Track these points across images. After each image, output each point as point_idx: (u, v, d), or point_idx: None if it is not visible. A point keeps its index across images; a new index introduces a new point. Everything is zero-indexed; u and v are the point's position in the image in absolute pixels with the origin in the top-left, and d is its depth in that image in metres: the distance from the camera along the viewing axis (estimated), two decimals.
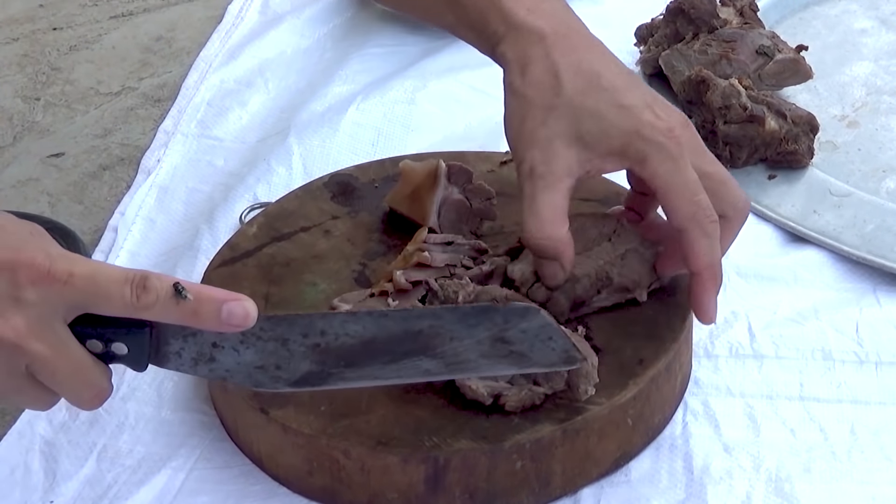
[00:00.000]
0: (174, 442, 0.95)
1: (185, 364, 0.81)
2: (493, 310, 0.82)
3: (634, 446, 0.91)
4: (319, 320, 0.82)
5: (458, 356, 0.83)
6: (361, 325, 0.82)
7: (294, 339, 0.82)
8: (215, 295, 0.78)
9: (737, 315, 1.01)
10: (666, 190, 0.88)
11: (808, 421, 0.93)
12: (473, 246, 0.98)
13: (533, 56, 0.91)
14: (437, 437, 0.85)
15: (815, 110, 1.16)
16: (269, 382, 0.82)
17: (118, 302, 0.76)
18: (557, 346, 0.83)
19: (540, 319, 0.82)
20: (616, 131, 0.89)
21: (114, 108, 1.40)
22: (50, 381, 0.78)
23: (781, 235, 1.09)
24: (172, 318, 0.78)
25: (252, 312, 0.78)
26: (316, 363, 0.82)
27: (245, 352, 0.81)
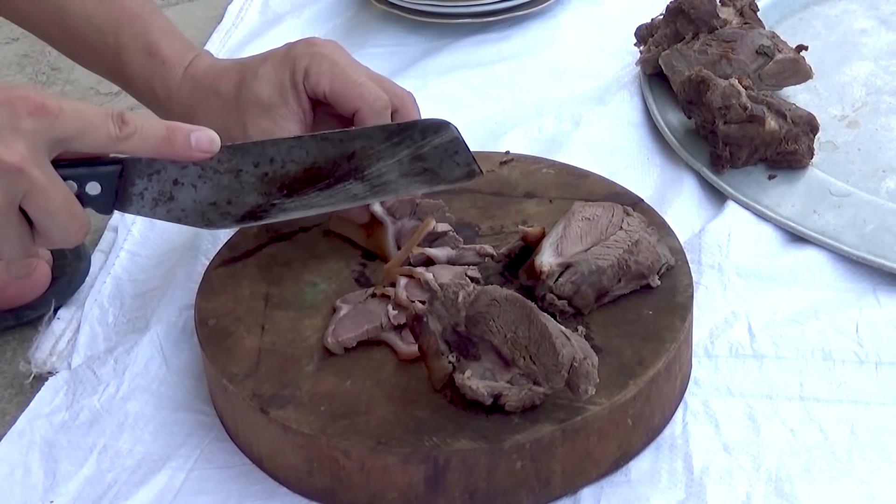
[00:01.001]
0: (174, 442, 0.95)
1: (146, 205, 0.90)
2: (412, 126, 0.94)
3: (634, 446, 0.91)
4: (270, 147, 0.92)
5: (382, 177, 0.95)
6: (305, 150, 0.92)
7: (246, 169, 0.91)
8: (184, 125, 0.87)
9: (737, 315, 1.01)
10: (332, 85, 0.99)
11: (808, 421, 0.93)
12: (478, 251, 0.98)
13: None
14: (436, 437, 0.85)
15: (815, 110, 1.16)
16: (219, 220, 0.92)
17: (103, 133, 0.83)
18: (461, 160, 0.95)
19: (450, 133, 0.94)
20: (275, 73, 1.00)
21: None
22: (43, 212, 0.83)
23: (781, 235, 1.10)
24: (148, 149, 0.85)
25: (216, 139, 0.87)
26: (262, 195, 0.92)
27: (202, 187, 0.90)
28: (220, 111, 1.01)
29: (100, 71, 1.07)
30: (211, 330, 0.96)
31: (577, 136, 1.22)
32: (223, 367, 0.92)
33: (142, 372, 1.00)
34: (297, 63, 1.00)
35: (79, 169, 0.86)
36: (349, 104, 1.00)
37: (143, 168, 0.89)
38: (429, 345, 0.87)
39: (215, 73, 1.03)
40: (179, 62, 1.03)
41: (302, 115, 1.01)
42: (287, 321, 0.96)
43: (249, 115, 1.00)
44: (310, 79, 1.00)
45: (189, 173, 0.90)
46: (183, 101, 1.02)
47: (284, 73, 1.00)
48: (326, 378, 0.91)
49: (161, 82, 1.03)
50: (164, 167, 0.89)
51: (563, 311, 0.94)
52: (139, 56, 1.03)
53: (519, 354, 0.85)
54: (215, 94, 1.01)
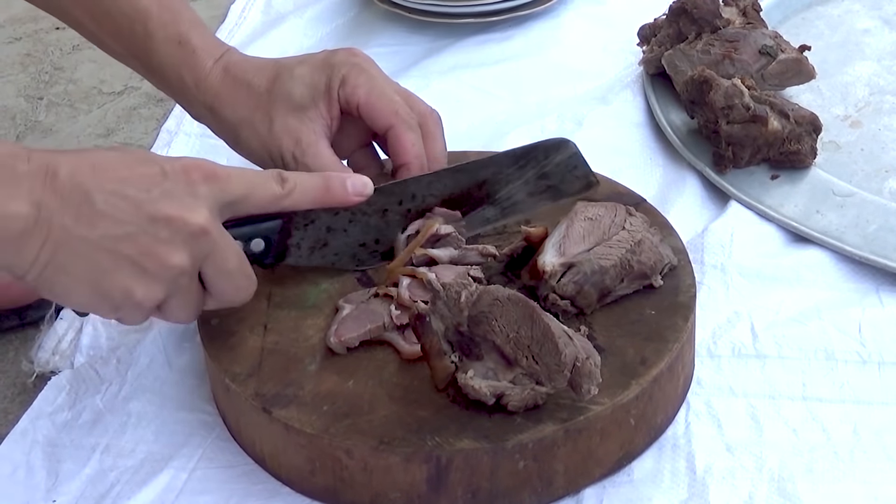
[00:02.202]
0: (177, 441, 0.95)
1: (303, 254, 0.96)
2: (535, 147, 1.00)
3: (637, 446, 0.91)
4: (412, 184, 0.98)
5: (511, 198, 1.01)
6: (443, 183, 0.99)
7: (391, 207, 0.98)
8: (339, 174, 0.94)
9: (739, 315, 1.01)
10: (367, 97, 1.01)
11: (811, 421, 0.93)
12: (481, 251, 0.98)
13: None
14: (439, 436, 0.85)
15: (818, 110, 1.16)
16: (369, 258, 0.99)
17: (268, 193, 0.89)
18: (580, 173, 1.02)
19: (569, 150, 1.01)
20: (312, 75, 1.02)
21: (116, 107, 1.40)
22: (221, 273, 0.87)
23: (784, 235, 1.09)
24: (308, 200, 0.91)
25: (369, 183, 0.94)
26: (405, 230, 0.98)
27: (352, 230, 0.97)
28: (250, 103, 1.02)
29: (126, 58, 1.07)
30: (213, 329, 0.96)
31: (580, 136, 1.21)
32: (225, 367, 0.92)
33: (144, 371, 1.00)
34: (335, 69, 1.02)
35: (244, 228, 0.90)
36: (383, 119, 1.02)
37: (300, 219, 0.94)
38: (431, 344, 0.87)
39: (249, 66, 1.04)
40: (210, 53, 1.04)
41: (329, 122, 1.02)
42: (290, 321, 0.96)
43: (278, 111, 1.01)
44: (346, 87, 1.01)
45: (341, 219, 0.96)
46: (211, 89, 1.03)
47: (321, 77, 1.02)
48: (329, 378, 0.91)
49: (190, 71, 1.03)
50: (318, 216, 0.94)
51: (565, 311, 0.94)
52: (169, 45, 1.03)
53: (521, 354, 0.85)
54: (247, 85, 1.02)
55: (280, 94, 1.02)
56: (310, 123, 1.01)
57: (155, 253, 0.83)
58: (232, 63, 1.04)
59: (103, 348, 1.04)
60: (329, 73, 1.02)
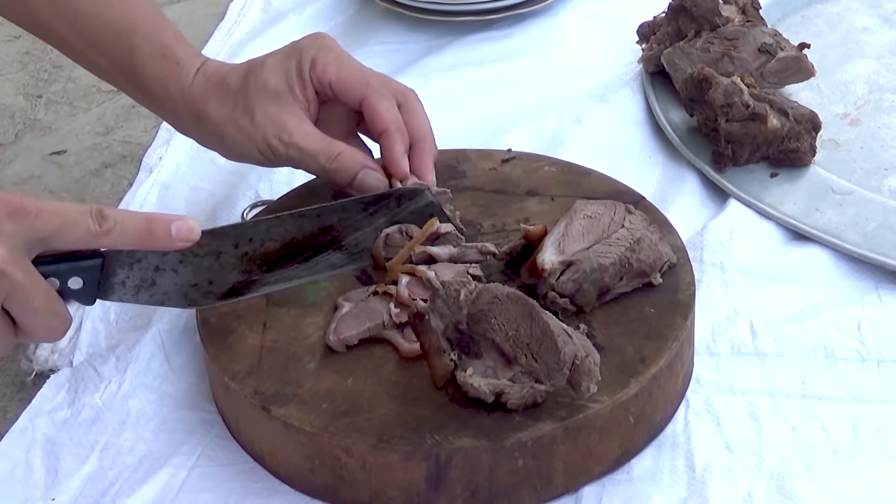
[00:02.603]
0: (176, 440, 0.95)
1: (129, 293, 0.91)
2: (387, 195, 0.99)
3: (636, 444, 0.91)
4: (249, 228, 0.95)
5: (359, 245, 0.98)
6: (283, 228, 0.95)
7: (226, 250, 0.93)
8: (163, 216, 0.88)
9: (739, 313, 1.01)
10: (338, 73, 1.02)
11: (810, 419, 0.93)
12: (480, 249, 0.98)
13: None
14: (438, 434, 0.85)
15: (818, 108, 1.16)
16: (202, 299, 0.94)
17: (82, 230, 0.84)
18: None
19: (424, 198, 0.99)
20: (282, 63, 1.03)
21: (115, 105, 1.40)
22: (25, 311, 0.84)
23: (783, 233, 1.09)
24: (128, 241, 0.86)
25: (195, 228, 0.88)
26: (243, 272, 0.95)
27: (183, 271, 0.92)
28: (230, 103, 1.03)
29: (108, 73, 1.08)
30: (213, 328, 0.95)
31: (579, 133, 1.22)
32: (225, 365, 0.92)
33: (143, 370, 1.00)
34: (303, 53, 1.03)
35: (60, 265, 0.86)
36: (356, 91, 1.03)
37: (125, 258, 0.90)
38: (430, 343, 0.87)
39: (225, 70, 1.06)
40: (192, 63, 1.06)
41: (307, 105, 1.03)
42: (289, 319, 0.96)
43: (257, 102, 1.03)
44: (316, 68, 1.03)
45: (170, 259, 0.92)
46: (194, 97, 1.04)
47: (291, 63, 1.03)
48: (328, 376, 0.91)
49: (175, 82, 1.05)
50: (144, 256, 0.90)
51: (564, 309, 0.94)
52: (154, 58, 1.05)
53: (521, 352, 0.85)
54: (225, 86, 1.04)
55: (256, 87, 1.03)
56: (289, 108, 1.03)
57: None
58: (210, 70, 1.06)
59: (102, 346, 1.04)
60: (298, 57, 1.04)
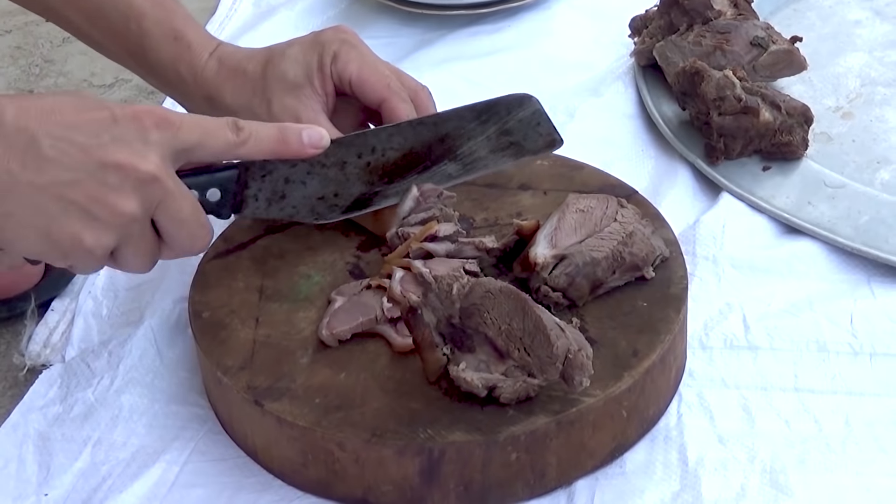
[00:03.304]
0: (168, 435, 0.95)
1: (261, 206, 0.95)
2: (497, 102, 1.00)
3: (629, 438, 0.91)
4: (371, 137, 0.98)
5: (473, 154, 1.00)
6: (403, 136, 0.98)
7: (350, 160, 0.97)
8: (293, 124, 0.92)
9: (731, 307, 1.01)
10: (359, 72, 1.02)
11: (803, 412, 0.93)
12: (477, 244, 0.97)
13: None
14: (431, 429, 0.85)
15: (810, 101, 1.16)
16: (327, 212, 0.98)
17: (222, 140, 0.87)
18: (543, 130, 1.01)
19: (532, 106, 1.01)
20: (304, 54, 1.03)
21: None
22: (174, 221, 0.86)
23: (776, 227, 1.09)
24: (264, 150, 0.89)
25: (326, 135, 0.92)
26: (366, 184, 0.98)
27: (311, 183, 0.96)
28: (246, 90, 1.03)
29: (119, 56, 1.07)
30: (205, 322, 0.95)
31: (572, 127, 1.22)
32: (217, 360, 0.92)
33: (136, 365, 1.00)
34: (326, 47, 1.03)
35: (200, 177, 0.90)
36: (375, 93, 1.02)
37: (257, 170, 0.92)
38: (423, 337, 0.87)
39: (242, 55, 1.05)
40: (205, 47, 1.05)
41: (325, 99, 1.03)
42: (281, 313, 0.96)
43: (275, 93, 1.02)
44: (338, 63, 1.02)
45: (298, 171, 0.95)
46: (208, 81, 1.04)
47: (313, 56, 1.03)
48: (321, 370, 0.91)
49: (187, 65, 1.04)
50: (275, 167, 0.93)
51: (557, 303, 0.94)
52: (165, 41, 1.04)
53: (513, 346, 0.85)
54: (242, 73, 1.03)
55: (274, 76, 1.02)
56: (307, 101, 1.02)
57: (104, 200, 0.82)
58: (225, 54, 1.05)
59: (94, 342, 1.04)
60: (320, 50, 1.03)
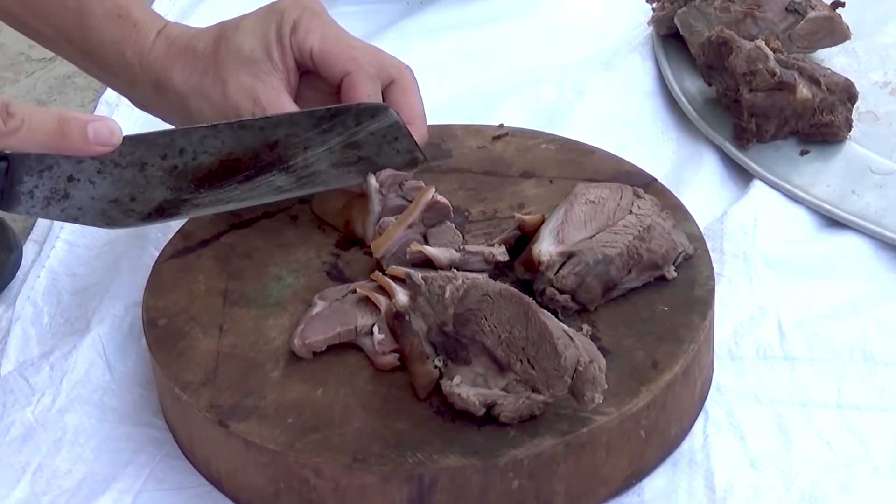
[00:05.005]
0: (120, 460, 0.95)
1: (37, 204, 0.91)
2: (345, 110, 0.98)
3: (648, 462, 0.91)
4: (180, 138, 0.94)
5: (310, 167, 0.98)
6: (220, 140, 0.95)
7: (152, 161, 0.94)
8: (79, 115, 0.88)
9: (765, 311, 1.02)
10: (322, 42, 1.02)
11: (847, 432, 0.93)
12: (486, 256, 0.96)
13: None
14: (421, 452, 0.86)
15: (854, 76, 1.17)
16: (122, 218, 0.94)
17: None
18: (402, 147, 0.99)
19: (389, 117, 0.98)
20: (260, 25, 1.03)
21: (48, 76, 1.40)
22: None
23: (815, 219, 1.10)
24: (38, 142, 0.86)
25: (117, 130, 0.88)
26: (171, 189, 0.95)
27: (101, 183, 0.92)
28: (197, 70, 1.03)
29: (56, 41, 1.08)
30: (161, 331, 0.96)
31: (581, 106, 1.23)
32: (176, 374, 0.92)
33: (82, 380, 1.00)
34: (284, 15, 1.03)
35: None
36: (339, 66, 1.02)
37: (33, 164, 0.89)
38: (412, 347, 0.87)
39: (192, 33, 1.05)
40: (152, 26, 1.05)
41: (286, 75, 1.03)
42: (249, 321, 0.96)
43: (230, 70, 1.02)
44: (297, 33, 1.02)
45: (86, 168, 0.92)
46: (155, 63, 1.04)
47: (270, 25, 1.03)
48: (294, 386, 0.91)
49: (132, 46, 1.04)
50: (56, 162, 0.90)
51: (565, 308, 0.94)
52: (107, 19, 1.04)
53: (515, 357, 0.85)
54: (192, 51, 1.04)
55: (228, 52, 1.03)
56: (266, 78, 1.02)
57: None
58: (175, 33, 1.05)
59: (34, 354, 1.04)
60: (278, 19, 1.03)
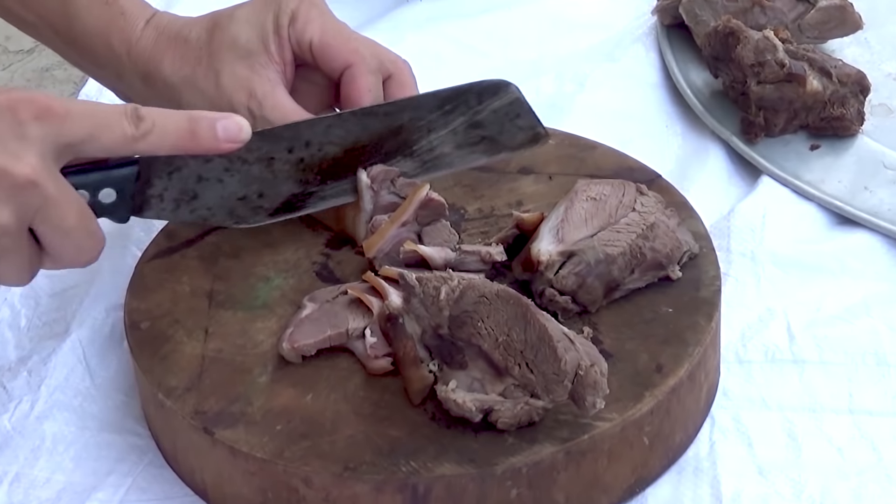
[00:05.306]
0: (101, 469, 0.95)
1: (167, 207, 0.93)
2: (467, 90, 0.99)
3: (652, 470, 0.91)
4: (305, 129, 0.96)
5: (434, 150, 0.99)
6: (345, 129, 0.96)
7: (279, 156, 0.96)
8: (207, 113, 0.90)
9: (773, 312, 1.02)
10: (322, 34, 1.02)
11: (859, 438, 0.93)
12: (483, 256, 0.96)
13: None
14: (415, 460, 0.85)
15: (866, 67, 1.17)
16: (250, 215, 0.97)
17: (117, 134, 0.86)
18: (524, 123, 1.00)
19: (510, 94, 0.99)
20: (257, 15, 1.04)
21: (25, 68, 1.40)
22: (57, 230, 0.85)
23: (826, 217, 1.10)
24: (169, 144, 0.88)
25: (246, 126, 0.90)
26: (298, 183, 0.97)
27: (230, 181, 0.94)
28: (189, 60, 1.03)
29: (39, 28, 1.08)
30: (144, 334, 0.96)
31: (582, 99, 1.23)
32: (159, 379, 0.92)
33: (61, 386, 1.00)
34: (282, 6, 1.03)
35: (90, 175, 0.89)
36: (340, 58, 1.02)
37: (162, 167, 0.91)
38: (405, 351, 0.87)
39: (183, 22, 1.05)
40: (140, 14, 1.05)
41: (283, 68, 1.03)
42: (235, 323, 0.96)
43: (224, 61, 1.02)
44: (296, 24, 1.02)
45: (214, 167, 0.94)
46: (144, 53, 1.04)
47: (267, 16, 1.03)
48: (283, 391, 0.91)
49: (120, 34, 1.04)
50: (185, 163, 0.92)
51: (565, 309, 0.94)
52: (93, 6, 1.04)
53: (513, 361, 0.85)
54: (184, 41, 1.04)
55: (223, 43, 1.03)
56: (262, 70, 1.02)
57: None
58: (164, 22, 1.05)
59: (11, 358, 1.04)
60: (276, 9, 1.03)
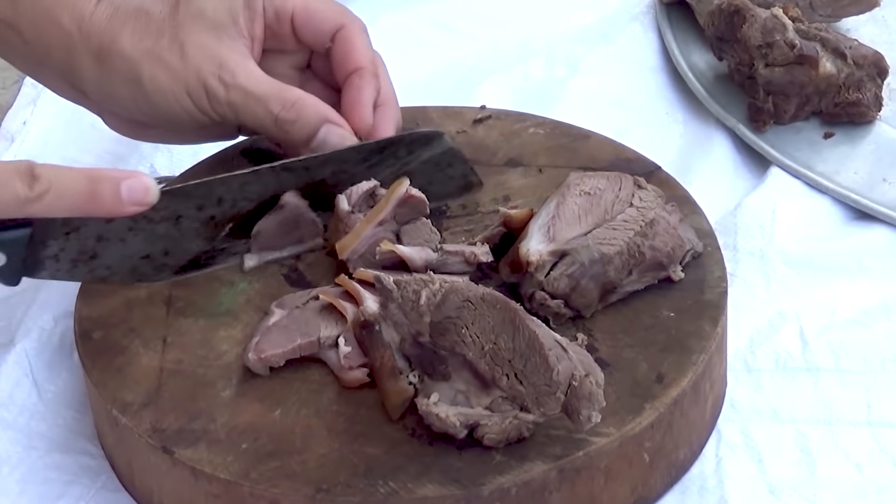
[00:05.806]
0: (50, 493, 0.95)
1: (63, 268, 0.93)
2: (398, 141, 1.01)
3: (653, 489, 0.91)
4: (218, 186, 0.97)
5: None
6: (262, 184, 0.98)
7: (188, 214, 0.96)
8: (110, 172, 0.91)
9: (784, 316, 1.02)
10: (306, 1, 1.04)
11: (878, 453, 0.93)
12: (467, 257, 0.96)
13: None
14: (394, 481, 0.85)
15: (884, 48, 1.17)
16: (153, 273, 0.97)
17: (9, 194, 0.86)
18: (455, 172, 1.03)
19: (442, 144, 1.02)
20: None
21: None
22: None
23: (841, 211, 1.10)
24: (66, 206, 0.88)
25: (153, 186, 0.91)
26: (206, 239, 0.98)
27: (133, 240, 0.95)
28: (151, 33, 1.02)
29: None
30: (96, 345, 0.96)
31: (574, 84, 1.23)
32: (113, 394, 0.92)
33: (5, 402, 1.00)
34: None
35: None
36: (330, 21, 1.03)
37: (58, 227, 0.91)
38: (382, 361, 0.88)
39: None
40: None
41: (250, 43, 1.03)
42: (197, 332, 0.96)
43: (189, 33, 1.02)
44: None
45: (117, 227, 0.94)
46: (98, 29, 1.03)
47: None
48: (249, 406, 0.91)
49: (70, 10, 1.03)
50: (84, 223, 0.92)
51: (557, 314, 0.94)
52: None
53: (501, 372, 0.85)
54: (145, 14, 1.03)
55: (188, 15, 1.02)
56: (230, 42, 1.02)
57: None
58: None
59: None
60: None
